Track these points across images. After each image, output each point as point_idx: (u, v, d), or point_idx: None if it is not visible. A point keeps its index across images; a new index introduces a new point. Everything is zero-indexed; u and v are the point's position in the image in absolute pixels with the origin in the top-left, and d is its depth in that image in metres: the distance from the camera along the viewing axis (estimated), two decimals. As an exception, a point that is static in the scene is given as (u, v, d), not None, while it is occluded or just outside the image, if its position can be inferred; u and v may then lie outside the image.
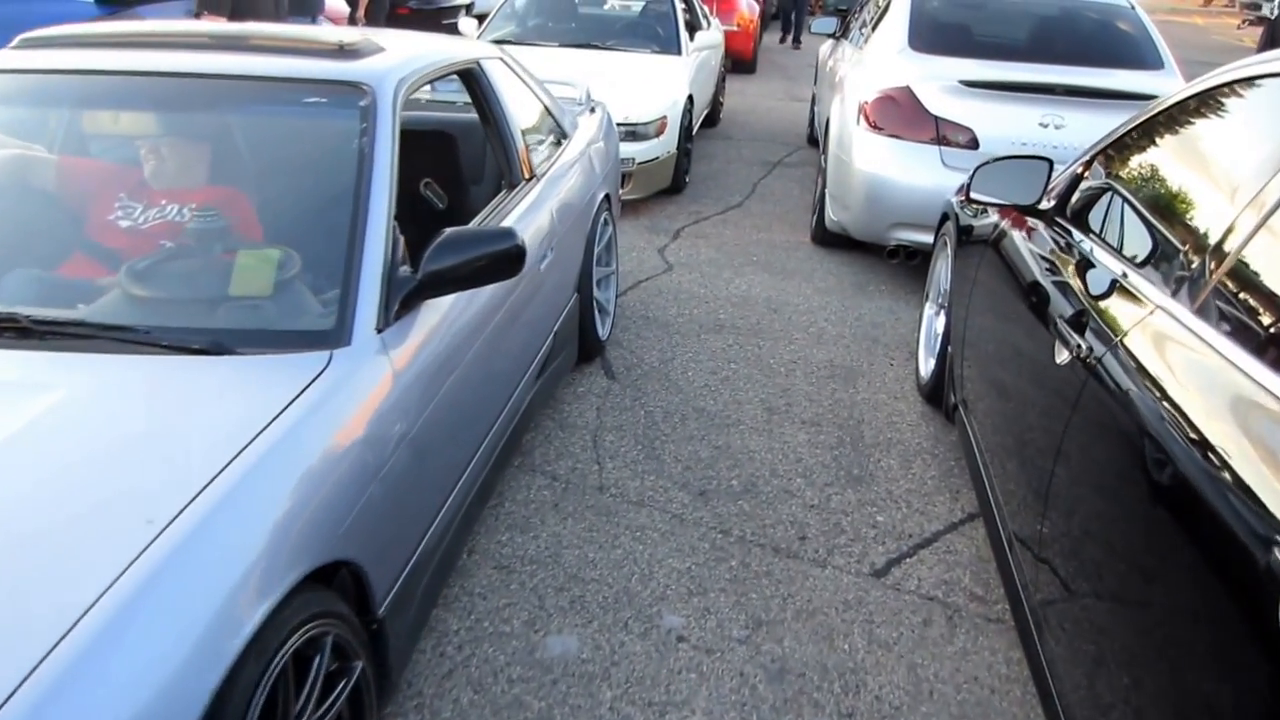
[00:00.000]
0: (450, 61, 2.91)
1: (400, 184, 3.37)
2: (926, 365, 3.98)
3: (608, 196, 4.21)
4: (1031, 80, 4.74)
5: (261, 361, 1.86)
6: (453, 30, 9.38)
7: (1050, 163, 2.78)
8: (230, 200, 2.19)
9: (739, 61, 12.43)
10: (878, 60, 5.25)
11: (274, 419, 1.68)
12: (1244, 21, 24.64)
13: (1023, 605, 2.24)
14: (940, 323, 3.95)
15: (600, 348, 4.17)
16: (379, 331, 2.01)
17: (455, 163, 3.39)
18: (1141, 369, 1.78)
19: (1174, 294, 1.83)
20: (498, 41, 7.28)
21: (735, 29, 12.00)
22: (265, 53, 2.48)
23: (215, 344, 1.87)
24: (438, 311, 2.26)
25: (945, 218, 3.96)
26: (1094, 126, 4.66)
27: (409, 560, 2.03)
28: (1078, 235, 2.59)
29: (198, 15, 4.70)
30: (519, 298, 2.87)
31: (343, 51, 2.55)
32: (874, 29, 5.87)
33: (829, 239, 5.70)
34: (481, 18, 8.33)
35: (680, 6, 7.89)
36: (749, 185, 7.29)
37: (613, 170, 4.43)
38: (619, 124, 5.93)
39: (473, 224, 2.78)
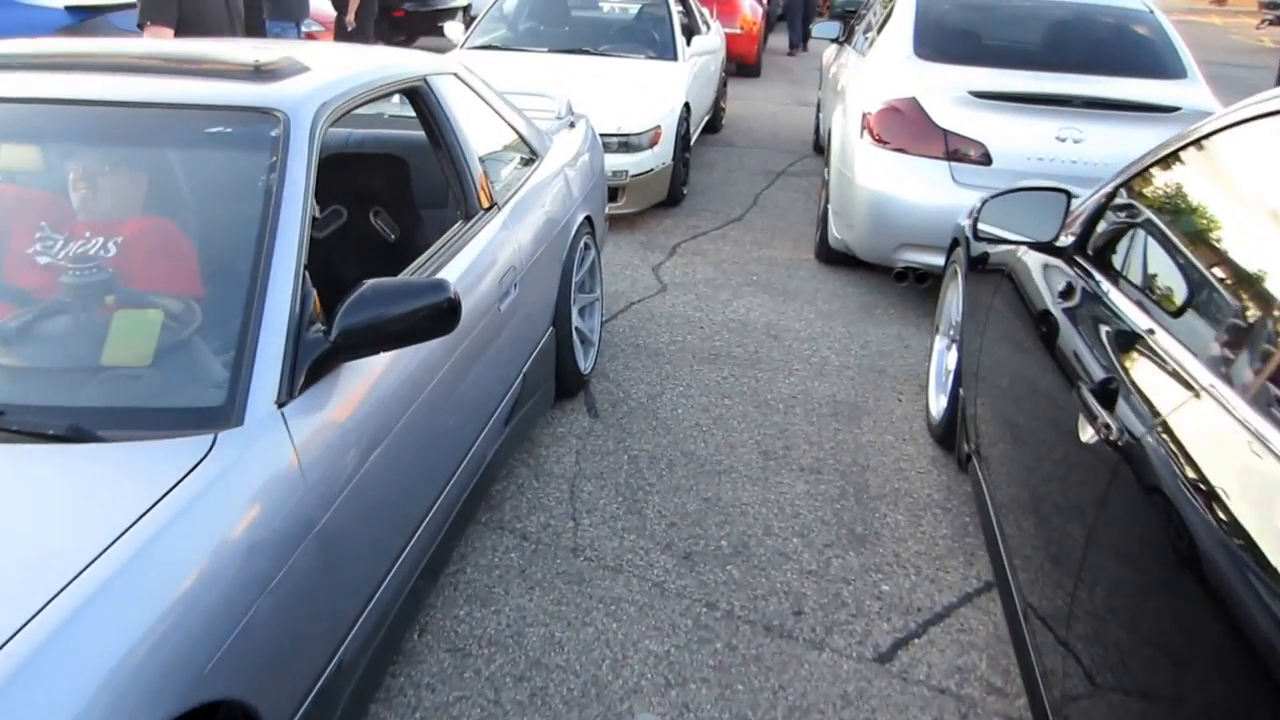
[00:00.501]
0: (388, 80, 2.58)
1: (349, 213, 3.09)
2: (938, 404, 3.64)
3: (589, 219, 3.89)
4: (1047, 91, 4.39)
5: (129, 450, 1.54)
6: (442, 33, 9.03)
7: (1068, 195, 2.44)
8: (114, 248, 1.87)
9: (742, 65, 12.10)
10: (882, 69, 4.91)
11: (129, 528, 1.36)
12: (1263, 21, 24.19)
13: (1042, 701, 1.90)
14: (952, 358, 3.61)
15: (583, 382, 3.84)
16: (280, 406, 1.68)
17: (408, 189, 3.07)
18: (1183, 465, 1.45)
19: (1221, 372, 1.50)
20: (483, 47, 6.98)
21: (738, 32, 11.67)
22: (171, 75, 2.15)
23: (74, 428, 1.54)
24: (361, 374, 1.93)
25: (956, 243, 3.62)
26: (1115, 140, 4.34)
27: (317, 682, 1.70)
28: (1100, 279, 2.25)
29: (140, 26, 4.37)
30: (474, 344, 2.55)
31: (258, 73, 2.22)
32: (878, 35, 5.53)
33: (833, 257, 5.36)
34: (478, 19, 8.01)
35: (677, 10, 7.57)
36: (750, 197, 6.95)
37: (596, 189, 4.10)
38: (610, 134, 5.62)
39: (421, 260, 2.46)
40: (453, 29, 7.47)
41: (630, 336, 4.48)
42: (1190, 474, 1.42)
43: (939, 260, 4.38)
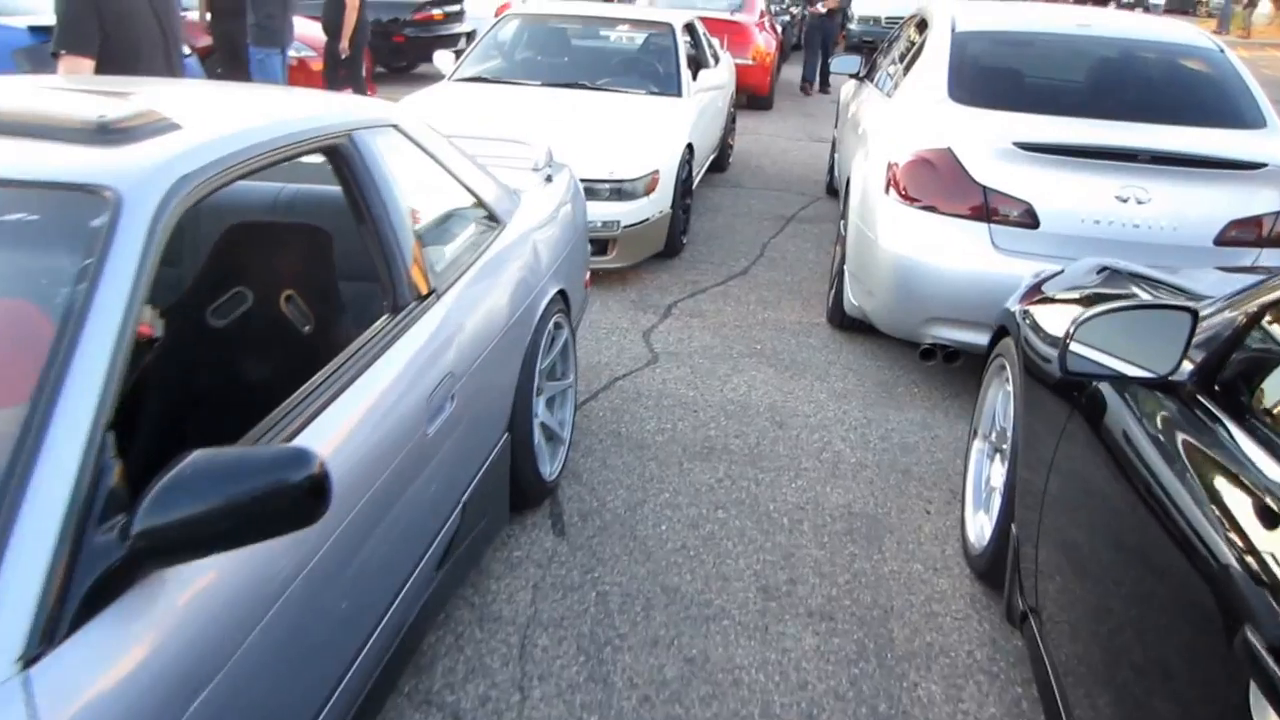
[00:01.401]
0: (294, 139, 1.96)
1: (255, 296, 2.47)
2: (977, 526, 2.98)
3: (562, 294, 3.26)
4: (1105, 143, 3.75)
5: None
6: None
7: (1194, 315, 1.79)
8: None
9: (754, 98, 11.51)
10: (911, 113, 4.28)
11: None
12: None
13: None
14: (996, 471, 2.96)
15: (547, 491, 3.19)
16: (27, 665, 1.06)
17: (329, 267, 2.44)
18: None
19: None
20: (473, 79, 6.39)
21: (750, 63, 11.08)
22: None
23: None
24: (183, 580, 1.31)
25: (1003, 332, 2.97)
26: (1187, 201, 3.70)
27: None
28: (1237, 430, 1.61)
29: (55, 56, 3.75)
30: (385, 491, 1.92)
31: (102, 132, 1.61)
32: (905, 72, 4.91)
33: (848, 321, 4.71)
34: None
35: (684, 41, 6.97)
36: (757, 246, 6.32)
37: (573, 256, 3.47)
38: (602, 180, 5.02)
39: (322, 376, 1.85)
40: (442, 59, 6.88)
41: (611, 423, 3.84)
42: None
43: (974, 338, 3.75)
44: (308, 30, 9.56)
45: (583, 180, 5.11)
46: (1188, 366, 1.80)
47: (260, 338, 2.38)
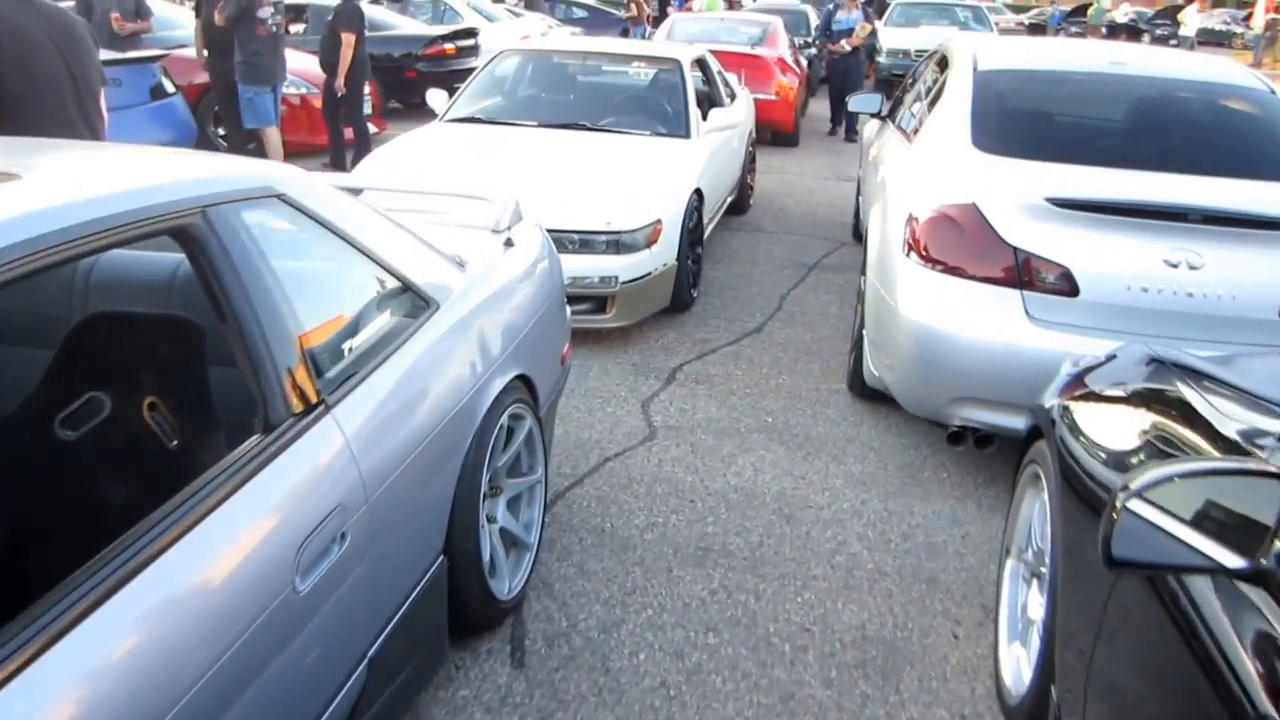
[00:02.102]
0: (114, 222, 1.56)
1: (114, 402, 2.05)
2: (1013, 664, 2.50)
3: (524, 378, 2.83)
4: (1153, 200, 3.27)
5: None
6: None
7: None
8: None
9: (778, 134, 11.08)
10: (931, 162, 3.82)
11: None
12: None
13: None
14: (1034, 599, 2.48)
15: (504, 611, 2.74)
16: None
17: (200, 368, 2.03)
18: None
19: None
20: (465, 119, 6.02)
21: (773, 98, 10.66)
22: None
23: None
24: None
25: (1036, 433, 2.50)
26: (1248, 268, 3.20)
27: None
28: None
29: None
30: (229, 670, 1.49)
31: None
32: (926, 113, 4.46)
33: (871, 390, 4.23)
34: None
35: (694, 76, 6.56)
36: (774, 298, 5.86)
37: (541, 332, 3.05)
38: (598, 232, 4.62)
39: (144, 528, 1.44)
40: (435, 97, 6.53)
41: (596, 515, 3.39)
42: None
43: (1009, 421, 3.28)
44: (312, 66, 9.31)
45: (577, 232, 4.72)
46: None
47: (118, 453, 1.97)
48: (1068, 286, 3.25)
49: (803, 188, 9.18)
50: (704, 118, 6.16)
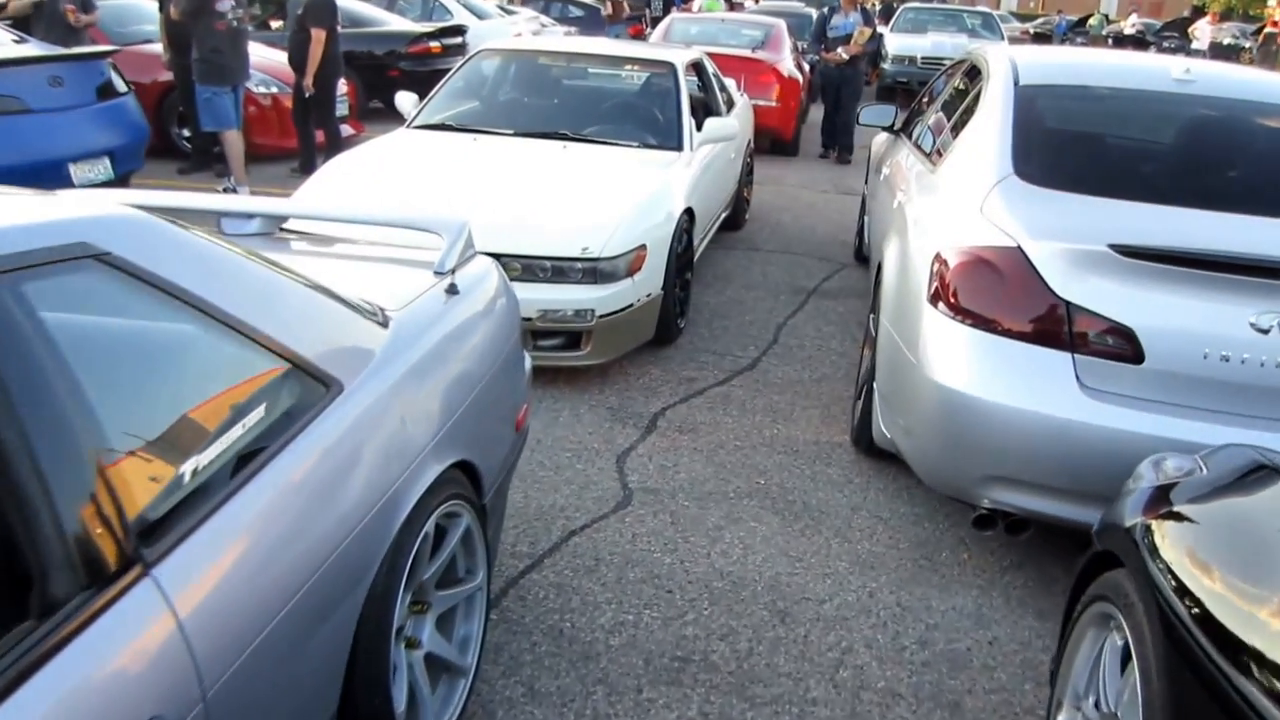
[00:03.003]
0: None
1: None
2: None
3: (466, 465, 2.26)
4: (1237, 251, 2.69)
5: None
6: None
7: None
8: None
9: (777, 142, 10.52)
10: (963, 193, 3.25)
11: None
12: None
13: None
14: (1104, 775, 1.92)
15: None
16: None
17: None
18: None
19: None
20: (435, 126, 5.45)
21: (773, 104, 10.11)
22: None
23: None
24: None
25: (1103, 560, 1.94)
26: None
27: None
28: None
29: None
30: None
31: None
32: (953, 132, 3.89)
33: (876, 446, 3.66)
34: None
35: (688, 82, 5.99)
36: (769, 329, 5.29)
37: (488, 403, 2.48)
38: (573, 259, 4.07)
39: None
40: (404, 100, 5.94)
41: (553, 609, 2.82)
42: None
43: (1051, 507, 2.72)
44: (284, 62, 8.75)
45: (550, 259, 4.15)
46: None
47: None
48: (1130, 351, 2.69)
49: (802, 201, 8.62)
50: (698, 128, 5.59)
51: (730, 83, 7.77)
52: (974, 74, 4.16)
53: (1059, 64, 3.84)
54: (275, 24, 11.30)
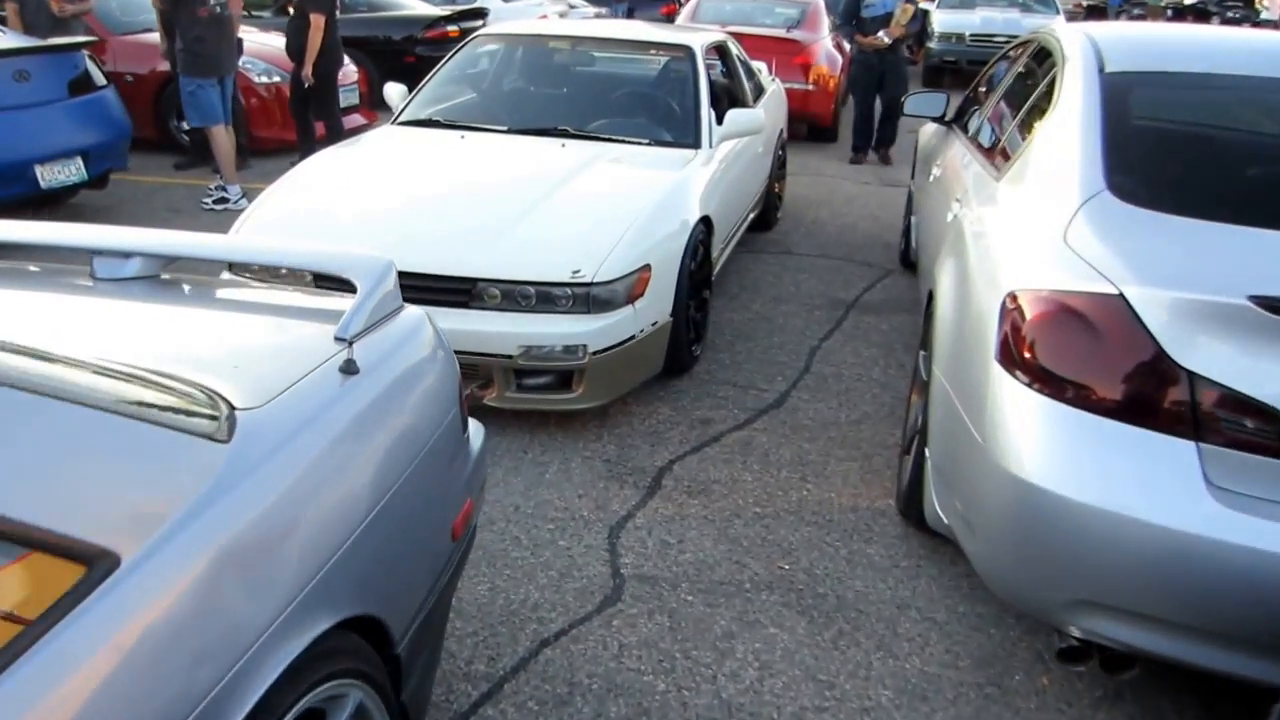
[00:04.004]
0: None
1: None
2: None
3: (365, 621, 1.61)
4: None
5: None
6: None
7: None
8: None
9: (815, 127, 9.75)
10: (1039, 212, 2.52)
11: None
12: None
13: None
14: None
15: None
16: None
17: None
18: None
19: None
20: (422, 122, 4.83)
21: (810, 88, 9.35)
22: None
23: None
24: None
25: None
26: None
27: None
28: None
29: None
30: None
31: None
32: (1021, 129, 3.16)
33: (927, 519, 2.96)
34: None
35: (710, 69, 5.28)
36: (801, 353, 4.59)
37: (414, 516, 1.83)
38: (561, 285, 3.43)
39: None
40: (392, 92, 5.30)
41: (506, 770, 2.17)
42: None
43: (1167, 646, 2.01)
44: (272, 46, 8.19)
45: (534, 284, 3.49)
46: None
47: None
48: (1278, 441, 1.97)
49: (841, 194, 7.86)
50: (719, 121, 4.88)
51: (761, 66, 7.04)
52: (1042, 57, 3.42)
53: (1153, 44, 3.08)
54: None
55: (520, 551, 2.98)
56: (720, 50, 5.80)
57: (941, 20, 14.36)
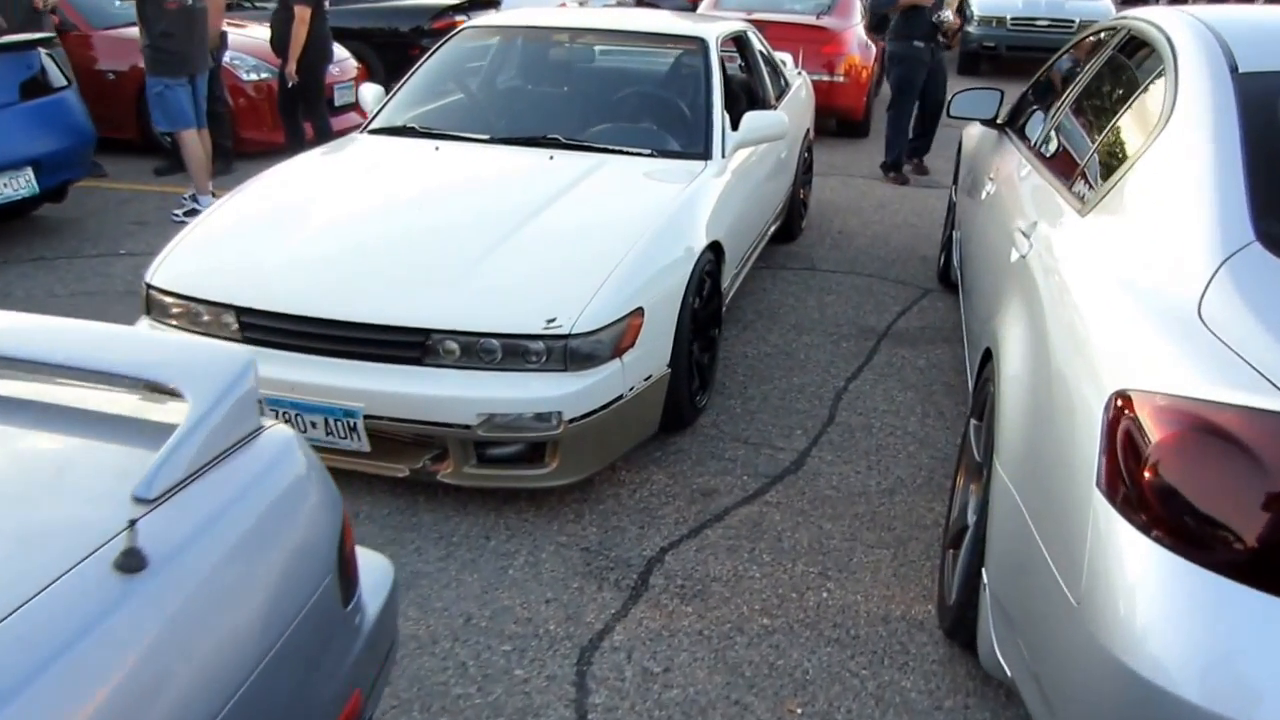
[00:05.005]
0: None
1: None
2: None
3: None
4: None
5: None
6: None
7: None
8: None
9: (845, 122, 9.04)
10: (1156, 269, 1.84)
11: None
12: None
13: None
14: None
15: None
16: None
17: None
18: None
19: None
20: (395, 130, 4.20)
21: (841, 80, 8.64)
22: None
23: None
24: None
25: None
26: None
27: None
28: None
29: None
30: None
31: None
32: (1112, 151, 2.46)
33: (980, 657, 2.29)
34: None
35: (726, 64, 4.61)
36: (825, 398, 3.93)
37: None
38: (533, 336, 2.78)
39: None
40: (367, 94, 4.67)
41: None
42: None
43: None
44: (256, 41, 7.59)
45: (499, 336, 2.84)
46: None
47: None
48: None
49: (873, 198, 7.15)
50: (734, 125, 4.20)
51: (786, 57, 6.34)
52: (1134, 49, 2.73)
53: None
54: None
55: (465, 687, 2.35)
56: (739, 42, 5.13)
57: (981, 3, 13.54)
